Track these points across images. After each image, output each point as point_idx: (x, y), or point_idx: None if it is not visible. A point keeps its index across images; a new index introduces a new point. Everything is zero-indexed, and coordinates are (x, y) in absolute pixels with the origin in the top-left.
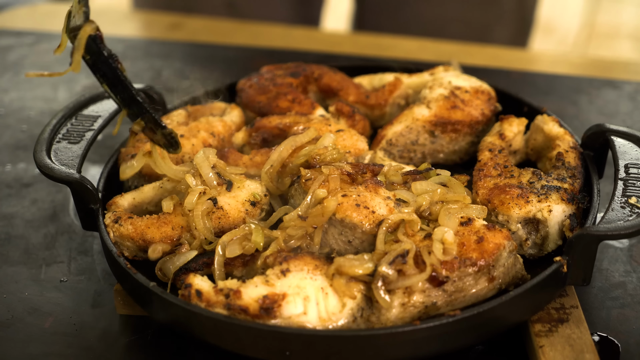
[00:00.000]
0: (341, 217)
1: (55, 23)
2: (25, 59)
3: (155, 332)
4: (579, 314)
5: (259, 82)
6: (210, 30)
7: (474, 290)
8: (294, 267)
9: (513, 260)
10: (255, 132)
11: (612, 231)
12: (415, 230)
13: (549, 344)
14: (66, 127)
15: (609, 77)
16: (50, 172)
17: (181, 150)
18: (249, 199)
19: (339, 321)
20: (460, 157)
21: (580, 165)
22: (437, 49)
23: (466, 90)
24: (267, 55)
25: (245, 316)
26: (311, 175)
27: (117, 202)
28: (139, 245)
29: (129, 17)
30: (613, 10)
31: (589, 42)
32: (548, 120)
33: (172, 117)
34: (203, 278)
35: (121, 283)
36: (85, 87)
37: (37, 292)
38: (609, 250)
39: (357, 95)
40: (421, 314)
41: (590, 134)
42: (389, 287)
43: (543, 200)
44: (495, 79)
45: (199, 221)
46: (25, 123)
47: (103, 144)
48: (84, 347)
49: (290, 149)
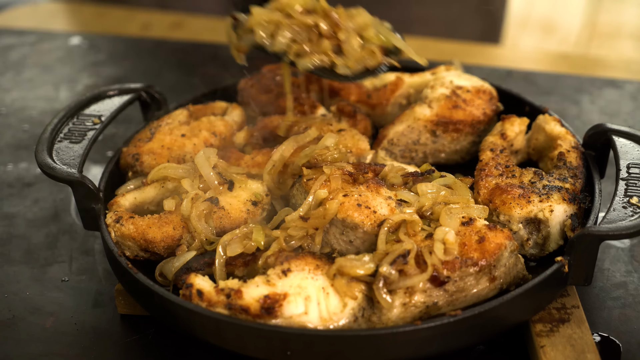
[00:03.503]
0: (342, 217)
1: (56, 22)
2: (27, 59)
3: (156, 332)
4: (580, 314)
5: (261, 81)
6: (210, 29)
7: (475, 290)
8: (295, 267)
9: (514, 260)
10: (256, 131)
11: (613, 231)
12: (416, 230)
13: (550, 344)
14: (68, 127)
15: (611, 76)
16: (51, 171)
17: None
18: (251, 199)
19: (340, 321)
20: (462, 157)
21: (581, 165)
22: (439, 48)
23: (468, 90)
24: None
25: (247, 316)
26: (313, 175)
27: (118, 201)
28: (140, 245)
29: (130, 16)
30: (614, 10)
31: (590, 41)
32: (549, 120)
33: (174, 116)
34: (204, 278)
35: (122, 283)
36: (87, 87)
37: (38, 292)
38: (610, 250)
39: (359, 94)
40: (422, 314)
41: (591, 133)
42: (390, 287)
43: (544, 200)
44: (496, 78)
45: (197, 224)
46: (27, 122)
47: (104, 144)
48: (84, 347)
49: (292, 148)
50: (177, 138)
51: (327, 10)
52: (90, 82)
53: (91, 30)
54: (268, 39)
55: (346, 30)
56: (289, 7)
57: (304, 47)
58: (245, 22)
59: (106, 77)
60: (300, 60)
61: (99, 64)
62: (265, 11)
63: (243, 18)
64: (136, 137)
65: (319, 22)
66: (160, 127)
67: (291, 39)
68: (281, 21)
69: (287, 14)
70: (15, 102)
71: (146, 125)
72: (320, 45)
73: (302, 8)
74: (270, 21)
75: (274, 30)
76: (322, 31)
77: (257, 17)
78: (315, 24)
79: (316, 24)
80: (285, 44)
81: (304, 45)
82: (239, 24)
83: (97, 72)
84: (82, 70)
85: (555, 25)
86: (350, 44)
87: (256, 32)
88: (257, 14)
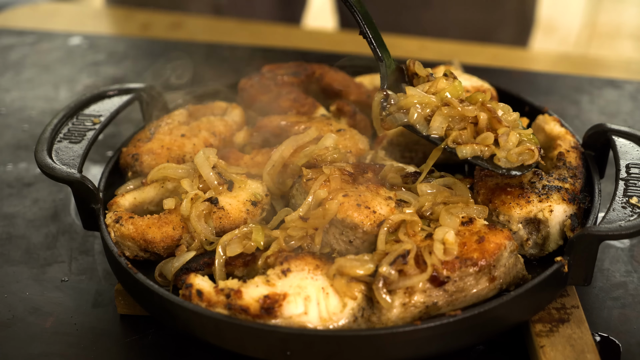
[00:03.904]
0: (342, 217)
1: (56, 22)
2: (27, 59)
3: (156, 332)
4: (579, 314)
5: (260, 81)
6: (210, 29)
7: (475, 290)
8: (294, 267)
9: (514, 260)
10: (256, 131)
11: (613, 231)
12: (416, 230)
13: (550, 344)
14: (67, 127)
15: (610, 76)
16: (51, 171)
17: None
18: (250, 199)
19: (339, 321)
20: None
21: (581, 165)
22: (438, 48)
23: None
24: (268, 54)
25: (246, 316)
26: (312, 175)
27: (118, 201)
28: (139, 245)
29: (130, 16)
30: (614, 10)
31: (590, 41)
32: (549, 120)
33: (174, 116)
34: (204, 278)
35: (122, 283)
36: (87, 87)
37: (38, 292)
38: (610, 250)
39: (359, 94)
40: (422, 314)
41: (591, 133)
42: (389, 287)
43: (544, 200)
44: (496, 78)
45: (197, 225)
46: (27, 122)
47: (104, 144)
48: (84, 347)
49: (292, 148)
50: (176, 138)
51: (486, 104)
52: (89, 82)
53: (91, 31)
54: (423, 123)
55: (506, 126)
56: (450, 97)
57: (462, 136)
58: (397, 100)
59: (106, 77)
60: (460, 147)
61: (98, 64)
62: (421, 94)
63: (394, 95)
64: (136, 137)
65: (480, 115)
66: (159, 127)
67: (448, 127)
68: (440, 107)
69: (444, 101)
70: (15, 102)
71: (146, 126)
72: (483, 138)
73: (458, 97)
74: (427, 104)
75: (429, 114)
76: (480, 123)
77: (413, 98)
78: (475, 117)
79: (477, 116)
80: (443, 129)
81: (462, 134)
82: (389, 99)
83: (96, 72)
84: (81, 70)
85: (555, 25)
86: (510, 139)
87: (411, 114)
88: (412, 96)
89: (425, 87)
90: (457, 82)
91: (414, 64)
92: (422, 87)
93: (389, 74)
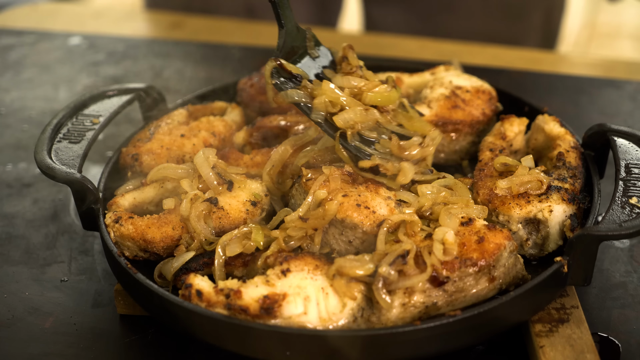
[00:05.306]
0: (342, 217)
1: (55, 22)
2: (26, 59)
3: (155, 332)
4: (579, 314)
5: (260, 81)
6: (210, 29)
7: (475, 291)
8: (294, 267)
9: (514, 261)
10: (256, 131)
11: (612, 231)
12: (415, 230)
13: (550, 344)
14: (67, 127)
15: (610, 76)
16: (50, 172)
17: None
18: (250, 199)
19: (339, 321)
20: (461, 157)
21: (581, 165)
22: (438, 48)
23: (467, 90)
24: (268, 54)
25: (246, 316)
26: (312, 175)
27: (117, 202)
28: (139, 245)
29: (130, 16)
30: (614, 10)
31: (590, 42)
32: (549, 120)
33: (173, 116)
34: (203, 278)
35: (121, 283)
36: (86, 87)
37: (37, 292)
38: (609, 251)
39: None
40: (422, 314)
41: (591, 133)
42: (389, 287)
43: (544, 200)
44: (496, 78)
45: (196, 225)
46: (26, 123)
47: (104, 144)
48: (84, 347)
49: (291, 148)
50: (176, 138)
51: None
52: (89, 82)
53: (91, 30)
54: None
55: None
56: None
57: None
58: (311, 89)
59: (105, 77)
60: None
61: (98, 64)
62: (335, 93)
63: (291, 66)
64: (135, 137)
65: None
66: (159, 127)
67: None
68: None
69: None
70: (15, 102)
71: (145, 126)
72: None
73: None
74: (337, 104)
75: (333, 111)
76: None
77: (325, 93)
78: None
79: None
80: (323, 116)
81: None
82: (282, 70)
83: (96, 72)
84: (81, 70)
85: None
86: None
87: (319, 104)
88: (326, 91)
89: (355, 82)
90: (393, 92)
91: (348, 49)
92: (351, 80)
93: (290, 41)
